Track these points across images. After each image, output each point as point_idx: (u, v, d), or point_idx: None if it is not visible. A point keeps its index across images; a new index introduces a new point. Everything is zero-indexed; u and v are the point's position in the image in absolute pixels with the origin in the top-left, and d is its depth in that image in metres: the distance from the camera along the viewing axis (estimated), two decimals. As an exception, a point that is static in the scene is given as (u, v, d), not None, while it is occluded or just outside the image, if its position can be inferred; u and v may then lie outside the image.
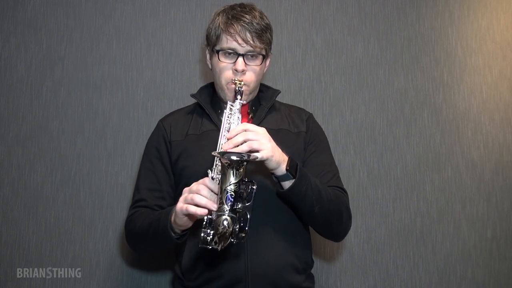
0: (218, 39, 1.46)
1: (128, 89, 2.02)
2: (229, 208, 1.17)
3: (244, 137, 1.27)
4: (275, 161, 1.30)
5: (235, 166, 1.18)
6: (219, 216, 1.17)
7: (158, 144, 1.55)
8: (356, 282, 1.98)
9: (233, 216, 1.17)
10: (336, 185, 1.51)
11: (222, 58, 1.46)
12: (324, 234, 1.54)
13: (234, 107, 1.39)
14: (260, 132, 1.31)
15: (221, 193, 1.19)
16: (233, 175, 1.18)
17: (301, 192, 1.34)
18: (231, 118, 1.38)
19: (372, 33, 2.11)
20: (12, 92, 1.99)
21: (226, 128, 1.36)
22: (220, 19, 1.46)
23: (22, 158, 1.96)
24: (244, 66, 1.45)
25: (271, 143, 1.31)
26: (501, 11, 2.15)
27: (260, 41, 1.45)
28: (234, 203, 1.18)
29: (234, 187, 1.18)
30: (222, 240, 1.16)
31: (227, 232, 1.16)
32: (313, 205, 1.37)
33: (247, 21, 1.43)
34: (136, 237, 1.49)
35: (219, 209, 1.18)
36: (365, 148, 2.05)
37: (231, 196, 1.17)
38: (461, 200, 2.04)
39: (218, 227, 1.16)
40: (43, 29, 2.02)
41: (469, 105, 2.10)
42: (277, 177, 1.35)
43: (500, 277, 2.01)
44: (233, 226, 1.17)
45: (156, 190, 1.52)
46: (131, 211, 1.52)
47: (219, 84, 1.50)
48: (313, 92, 2.06)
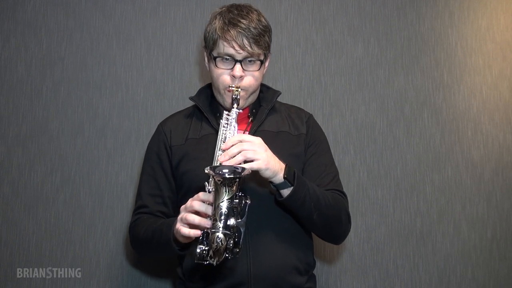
0: (215, 44, 1.45)
1: (128, 89, 2.02)
2: (222, 225, 1.17)
3: (239, 148, 1.28)
4: (271, 171, 1.30)
5: (227, 183, 1.19)
6: (213, 233, 1.18)
7: (159, 149, 1.56)
8: (356, 282, 1.98)
9: (227, 233, 1.18)
10: (335, 188, 1.51)
11: (219, 65, 1.45)
12: (324, 238, 1.55)
13: (230, 117, 1.39)
14: (256, 142, 1.31)
15: (215, 209, 1.20)
16: (226, 192, 1.19)
17: (300, 199, 1.35)
18: (227, 129, 1.38)
19: (372, 33, 2.11)
20: (12, 92, 1.99)
21: (222, 140, 1.37)
22: (217, 23, 1.44)
23: (22, 158, 1.96)
24: (242, 72, 1.43)
25: (267, 153, 1.31)
26: (501, 11, 2.15)
27: (257, 47, 1.43)
28: (227, 219, 1.18)
29: (227, 203, 1.19)
30: (217, 255, 1.17)
31: (221, 248, 1.17)
32: (311, 212, 1.37)
33: (244, 26, 1.40)
34: (140, 244, 1.51)
35: (213, 225, 1.19)
36: (365, 148, 2.05)
37: (224, 213, 1.18)
38: (461, 200, 2.04)
39: (212, 244, 1.17)
40: (43, 29, 2.02)
41: (469, 105, 2.10)
42: (275, 185, 1.35)
43: (500, 277, 2.01)
44: (227, 242, 1.17)
45: (157, 196, 1.53)
46: (134, 217, 1.54)
47: (217, 89, 1.50)
48: (313, 92, 2.06)
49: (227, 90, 1.45)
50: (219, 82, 1.47)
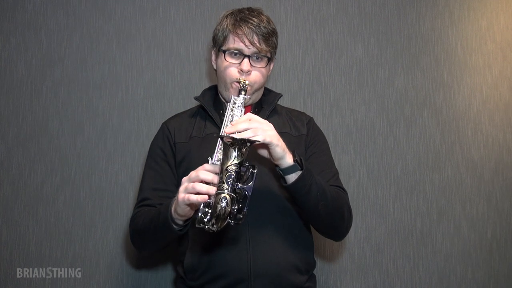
0: (225, 40, 1.49)
1: (128, 89, 2.02)
2: (229, 187, 1.14)
3: (249, 125, 1.27)
4: (281, 148, 1.29)
5: (237, 146, 1.16)
6: (219, 194, 1.14)
7: (163, 144, 1.56)
8: (356, 282, 1.98)
9: (233, 196, 1.14)
10: (336, 185, 1.51)
11: (228, 58, 1.48)
12: (326, 233, 1.54)
13: (238, 101, 1.40)
14: (265, 122, 1.31)
15: (222, 172, 1.16)
16: (235, 155, 1.16)
17: (306, 185, 1.34)
18: (234, 111, 1.38)
19: (372, 33, 2.11)
20: (12, 92, 1.99)
21: (229, 120, 1.36)
22: (228, 21, 1.49)
23: (22, 158, 1.96)
24: (250, 67, 1.46)
25: (276, 133, 1.31)
26: (501, 11, 2.15)
27: (266, 44, 1.48)
28: (234, 182, 1.15)
29: (235, 167, 1.16)
30: (219, 220, 1.14)
31: (226, 212, 1.13)
32: (317, 201, 1.36)
33: (255, 23, 1.46)
34: (139, 234, 1.49)
35: (218, 187, 1.16)
36: (365, 148, 2.05)
37: (232, 175, 1.15)
38: (461, 200, 2.04)
39: (216, 206, 1.13)
40: (43, 29, 2.02)
41: (469, 105, 2.10)
42: (282, 170, 1.34)
43: (500, 277, 2.01)
44: (232, 206, 1.14)
45: (161, 190, 1.52)
46: (135, 210, 1.52)
47: (224, 82, 1.51)
48: (313, 92, 2.06)
49: (234, 84, 1.47)
50: (226, 75, 1.48)
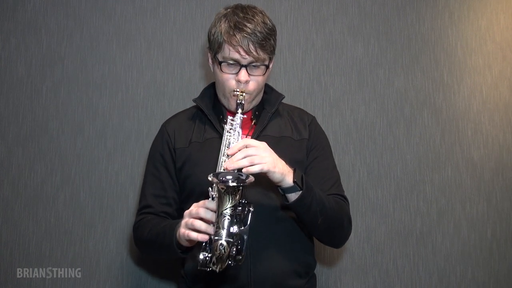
0: (220, 47, 1.43)
1: (128, 89, 2.02)
2: (225, 233, 1.18)
3: (245, 153, 1.27)
4: (279, 173, 1.30)
5: (231, 191, 1.19)
6: (216, 240, 1.18)
7: (163, 150, 1.55)
8: (356, 282, 1.98)
9: (229, 240, 1.18)
10: (337, 193, 1.51)
11: (224, 69, 1.44)
12: (325, 242, 1.56)
13: (235, 122, 1.38)
14: (261, 147, 1.31)
15: (218, 216, 1.20)
16: (229, 200, 1.19)
17: (307, 204, 1.35)
18: (231, 134, 1.37)
19: (372, 33, 2.11)
20: (12, 92, 1.98)
21: (226, 145, 1.36)
22: (222, 26, 1.42)
23: (22, 158, 1.95)
24: (247, 77, 1.43)
25: (273, 156, 1.31)
26: (501, 11, 2.14)
27: (263, 51, 1.42)
28: (230, 227, 1.19)
29: (230, 211, 1.19)
30: (219, 262, 1.18)
31: (224, 256, 1.17)
32: (317, 217, 1.37)
33: (250, 31, 1.39)
34: (144, 244, 1.52)
35: (216, 233, 1.19)
36: (365, 148, 2.05)
37: (227, 220, 1.19)
38: (461, 200, 2.04)
39: (215, 251, 1.18)
40: (43, 29, 2.02)
41: (469, 105, 2.10)
42: (283, 190, 1.35)
43: (500, 277, 2.01)
44: (230, 250, 1.18)
45: (161, 197, 1.53)
46: (138, 217, 1.54)
47: (222, 92, 1.50)
48: (313, 92, 2.06)
49: (232, 94, 1.45)
50: (225, 87, 1.47)
